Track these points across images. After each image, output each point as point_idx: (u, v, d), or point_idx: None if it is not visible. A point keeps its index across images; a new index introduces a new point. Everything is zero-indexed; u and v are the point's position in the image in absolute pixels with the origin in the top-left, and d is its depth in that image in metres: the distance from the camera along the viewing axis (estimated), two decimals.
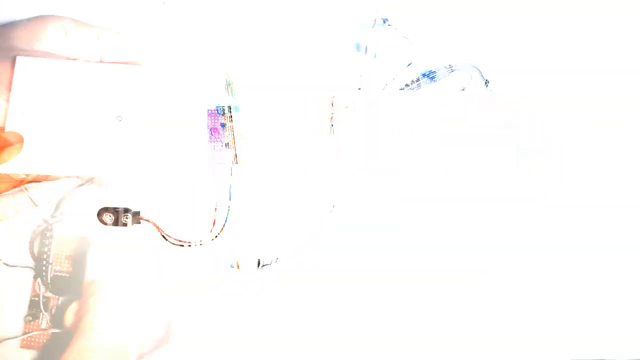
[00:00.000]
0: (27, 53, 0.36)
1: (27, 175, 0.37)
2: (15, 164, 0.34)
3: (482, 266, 0.43)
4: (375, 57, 0.48)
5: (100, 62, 0.38)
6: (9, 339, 0.43)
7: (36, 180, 0.38)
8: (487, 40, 0.46)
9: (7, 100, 0.35)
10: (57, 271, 0.44)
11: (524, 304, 0.43)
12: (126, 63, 0.39)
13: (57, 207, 0.38)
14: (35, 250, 0.39)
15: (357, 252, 0.43)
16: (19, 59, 0.35)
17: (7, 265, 0.44)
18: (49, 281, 0.40)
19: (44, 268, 0.39)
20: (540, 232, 0.43)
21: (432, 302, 0.42)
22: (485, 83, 0.46)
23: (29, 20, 0.38)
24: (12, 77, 0.35)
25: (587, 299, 0.43)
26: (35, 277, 0.43)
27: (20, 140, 0.35)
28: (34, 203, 0.42)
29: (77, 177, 0.39)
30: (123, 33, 0.40)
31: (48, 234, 0.39)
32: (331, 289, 0.43)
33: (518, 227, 0.43)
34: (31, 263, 0.44)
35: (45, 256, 0.39)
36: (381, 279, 0.43)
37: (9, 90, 0.35)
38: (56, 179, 0.39)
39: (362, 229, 0.43)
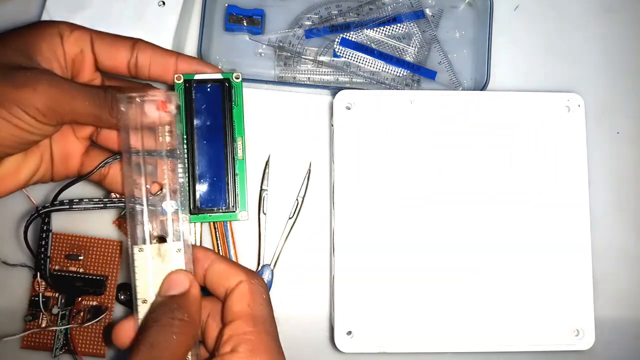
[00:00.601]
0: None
1: None
2: None
3: (476, 266, 0.43)
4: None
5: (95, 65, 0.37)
6: (8, 337, 0.43)
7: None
8: (483, 38, 0.46)
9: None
10: (56, 270, 0.44)
11: (518, 302, 0.43)
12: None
13: (53, 200, 0.38)
14: (33, 245, 0.39)
15: (354, 252, 0.43)
16: None
17: (6, 264, 0.44)
18: (47, 275, 0.40)
19: (42, 262, 0.39)
20: (534, 231, 0.44)
21: (427, 301, 0.43)
22: (485, 85, 0.46)
23: (22, 30, 0.35)
24: (15, 96, 0.32)
25: (584, 297, 0.43)
26: (34, 276, 0.43)
27: None
28: (33, 202, 0.41)
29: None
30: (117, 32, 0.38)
31: (44, 227, 0.39)
32: (325, 289, 0.44)
33: (512, 227, 0.44)
34: (30, 262, 0.44)
35: (43, 249, 0.39)
36: (377, 279, 0.43)
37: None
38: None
39: (357, 229, 0.43)
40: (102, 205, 0.38)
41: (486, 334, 0.42)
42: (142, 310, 0.33)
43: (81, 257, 0.44)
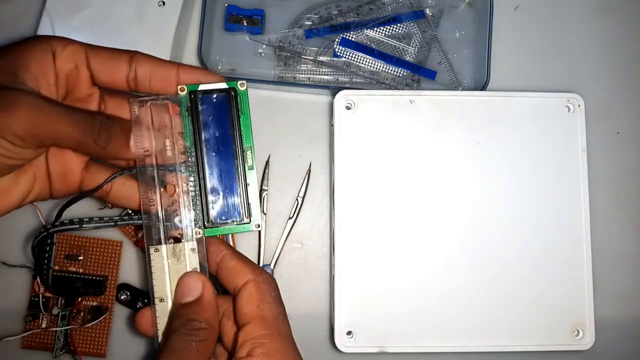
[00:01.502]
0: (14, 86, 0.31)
1: None
2: None
3: (476, 266, 0.43)
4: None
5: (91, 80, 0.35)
6: (8, 337, 0.43)
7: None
8: (483, 38, 0.46)
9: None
10: (56, 270, 0.44)
11: (518, 302, 0.43)
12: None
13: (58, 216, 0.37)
14: (36, 254, 0.38)
15: (354, 252, 0.43)
16: None
17: (6, 265, 0.44)
18: (49, 284, 0.40)
19: (44, 271, 0.39)
20: (533, 231, 0.44)
21: (427, 301, 0.43)
22: (485, 85, 0.46)
23: (13, 46, 0.33)
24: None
25: (584, 297, 0.43)
26: (34, 277, 0.43)
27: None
28: (42, 218, 0.40)
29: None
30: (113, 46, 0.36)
31: (49, 240, 0.38)
32: (325, 289, 0.44)
33: (512, 227, 0.44)
34: (31, 263, 0.44)
35: (45, 261, 0.39)
36: (377, 279, 0.43)
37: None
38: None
39: (357, 229, 0.43)
40: (112, 223, 0.37)
41: (486, 334, 0.42)
42: (160, 308, 0.34)
43: (81, 257, 0.44)
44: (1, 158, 0.31)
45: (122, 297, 0.44)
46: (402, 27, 0.48)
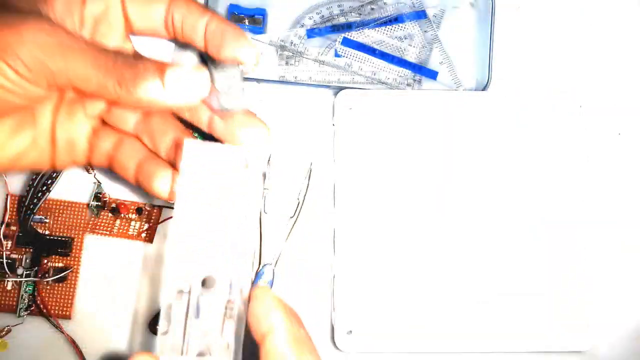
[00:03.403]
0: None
1: None
2: None
3: (476, 267, 0.43)
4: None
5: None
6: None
7: None
8: (484, 39, 0.46)
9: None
10: None
11: (518, 303, 0.43)
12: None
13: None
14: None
15: (355, 252, 0.43)
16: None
17: None
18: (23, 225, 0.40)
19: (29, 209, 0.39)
20: (533, 232, 0.44)
21: (428, 301, 0.43)
22: (487, 85, 0.46)
23: None
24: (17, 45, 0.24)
25: (584, 297, 0.43)
26: None
27: None
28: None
29: None
30: None
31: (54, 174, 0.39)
32: (326, 288, 0.44)
33: (511, 228, 0.44)
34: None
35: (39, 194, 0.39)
36: (378, 279, 0.43)
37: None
38: None
39: (357, 229, 0.43)
40: None
41: (486, 335, 0.42)
42: None
43: (47, 220, 0.44)
44: (0, 91, 0.25)
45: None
46: (404, 27, 0.48)
